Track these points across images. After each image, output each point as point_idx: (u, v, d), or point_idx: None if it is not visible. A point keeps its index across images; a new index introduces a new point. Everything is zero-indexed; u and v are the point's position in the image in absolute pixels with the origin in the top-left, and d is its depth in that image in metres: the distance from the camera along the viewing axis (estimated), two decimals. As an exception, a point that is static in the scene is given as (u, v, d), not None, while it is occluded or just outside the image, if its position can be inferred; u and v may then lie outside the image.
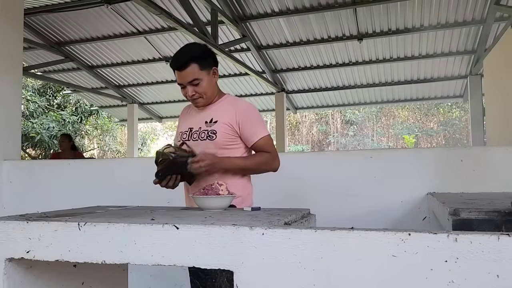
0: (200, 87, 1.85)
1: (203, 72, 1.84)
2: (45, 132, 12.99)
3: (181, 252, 1.14)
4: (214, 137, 1.83)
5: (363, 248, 1.00)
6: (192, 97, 1.87)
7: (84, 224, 1.23)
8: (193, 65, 1.81)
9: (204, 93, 1.86)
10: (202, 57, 1.86)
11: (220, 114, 1.87)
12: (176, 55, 1.88)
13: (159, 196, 2.87)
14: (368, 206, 2.53)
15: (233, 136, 1.85)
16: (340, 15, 6.64)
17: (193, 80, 1.83)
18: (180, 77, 1.84)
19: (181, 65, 1.81)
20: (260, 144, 1.86)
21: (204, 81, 1.85)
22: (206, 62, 1.86)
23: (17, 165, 3.32)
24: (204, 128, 1.87)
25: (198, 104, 1.91)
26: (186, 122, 1.98)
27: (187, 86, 1.84)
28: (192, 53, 1.85)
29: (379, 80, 8.95)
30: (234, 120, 1.84)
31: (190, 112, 2.02)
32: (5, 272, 1.31)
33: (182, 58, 1.83)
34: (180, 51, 1.89)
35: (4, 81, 3.32)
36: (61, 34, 7.66)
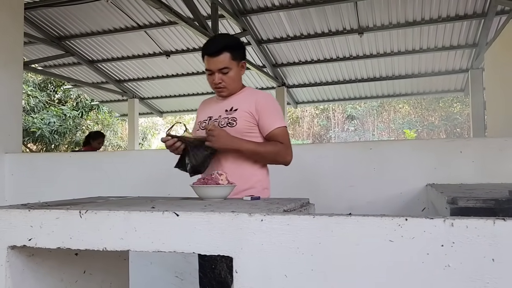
0: (227, 77, 1.87)
1: (234, 62, 1.87)
2: (45, 127, 13.00)
3: (181, 238, 1.16)
4: (234, 124, 1.84)
5: (361, 234, 1.01)
6: (218, 85, 1.88)
7: (86, 211, 1.25)
8: (225, 53, 1.84)
9: (230, 83, 1.89)
10: (235, 47, 1.89)
11: (240, 103, 1.90)
12: (209, 41, 1.92)
13: (159, 188, 2.89)
14: (367, 197, 2.55)
15: (252, 124, 1.86)
16: (340, 9, 6.62)
17: (223, 68, 1.85)
18: (211, 63, 1.85)
19: (214, 52, 1.83)
20: (275, 134, 1.85)
21: (233, 72, 1.88)
22: (238, 53, 1.89)
23: (18, 158, 3.34)
24: (224, 116, 1.89)
25: (222, 93, 1.92)
26: (205, 112, 2.00)
27: (216, 73, 1.86)
28: (226, 41, 1.88)
29: (379, 74, 8.94)
30: (254, 109, 1.86)
31: (209, 104, 2.04)
32: (8, 260, 1.32)
33: (216, 45, 1.86)
34: (214, 38, 1.95)
35: (4, 75, 3.33)
36: (61, 28, 7.65)
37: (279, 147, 1.85)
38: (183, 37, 7.70)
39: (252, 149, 1.82)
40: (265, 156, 1.86)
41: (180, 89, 10.02)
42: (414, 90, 9.74)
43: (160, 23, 7.22)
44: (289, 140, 1.91)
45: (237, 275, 1.10)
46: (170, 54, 8.21)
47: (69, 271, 1.54)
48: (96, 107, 14.64)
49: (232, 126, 1.84)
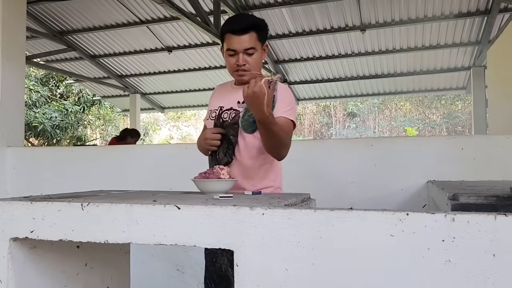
0: (252, 59, 1.73)
1: (259, 44, 1.74)
2: (47, 122, 13.02)
3: (182, 232, 1.16)
4: None
5: (362, 228, 1.02)
6: (242, 67, 1.73)
7: (87, 204, 1.25)
8: (252, 32, 1.71)
9: (253, 66, 1.74)
10: (262, 28, 1.76)
11: None
12: (235, 18, 1.77)
13: (161, 183, 2.90)
14: (368, 193, 2.55)
15: None
16: (343, 6, 6.60)
17: (250, 48, 1.71)
18: (236, 42, 1.70)
19: (241, 29, 1.69)
20: (280, 121, 1.66)
21: (257, 54, 1.75)
22: (263, 34, 1.76)
23: (20, 152, 3.35)
24: (236, 109, 1.77)
25: (244, 76, 1.75)
26: (218, 101, 1.87)
27: (240, 54, 1.71)
28: (253, 20, 1.76)
29: (381, 71, 8.92)
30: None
31: (223, 91, 1.92)
32: (10, 252, 1.33)
33: (243, 22, 1.72)
34: (240, 16, 1.81)
35: (7, 69, 3.33)
36: (63, 23, 7.64)
37: (286, 137, 1.68)
38: (185, 33, 7.69)
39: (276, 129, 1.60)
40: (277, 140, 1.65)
41: (182, 84, 10.01)
42: (416, 87, 9.72)
43: (163, 18, 7.21)
44: (291, 136, 1.74)
45: (238, 268, 1.11)
46: (172, 49, 8.20)
47: (71, 264, 1.54)
48: (98, 102, 14.65)
49: None
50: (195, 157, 2.17)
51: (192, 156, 2.88)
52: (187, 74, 9.35)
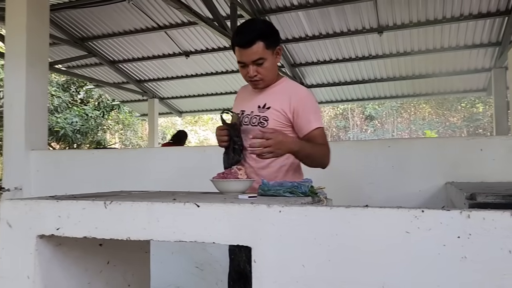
0: (263, 68, 1.72)
1: (268, 51, 1.71)
2: (68, 127, 13.30)
3: (202, 229, 1.19)
4: (265, 124, 1.73)
5: (377, 225, 1.03)
6: (253, 78, 1.74)
7: (110, 202, 1.30)
8: (259, 43, 1.68)
9: (266, 74, 1.74)
10: (269, 34, 1.73)
11: (274, 99, 1.76)
12: (240, 30, 1.74)
13: (179, 185, 2.94)
14: (385, 195, 2.54)
15: (284, 124, 1.73)
16: (360, 8, 6.58)
17: (258, 59, 1.70)
18: (244, 55, 1.70)
19: (246, 42, 1.68)
20: (314, 135, 1.71)
21: (268, 61, 1.73)
22: (272, 40, 1.73)
23: (44, 155, 3.45)
24: (256, 113, 1.77)
25: (258, 86, 1.78)
26: (240, 104, 1.88)
27: (249, 66, 1.72)
28: (258, 29, 1.71)
29: (399, 73, 8.84)
30: (288, 107, 1.72)
31: (244, 94, 1.91)
32: (37, 248, 1.38)
33: (248, 35, 1.69)
34: (245, 26, 1.76)
35: (31, 75, 3.44)
36: (84, 29, 7.82)
37: (325, 149, 1.72)
38: (203, 37, 7.78)
39: (310, 151, 1.68)
40: (315, 159, 1.72)
41: (199, 89, 10.10)
42: (435, 90, 9.59)
43: (180, 23, 7.31)
44: (328, 142, 1.77)
45: (255, 265, 1.13)
46: (190, 54, 8.29)
47: (94, 262, 1.59)
48: (117, 107, 14.90)
49: (263, 126, 1.73)
50: (213, 160, 2.21)
51: (210, 158, 2.93)
52: (204, 79, 9.44)
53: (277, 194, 1.48)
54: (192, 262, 2.81)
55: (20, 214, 1.40)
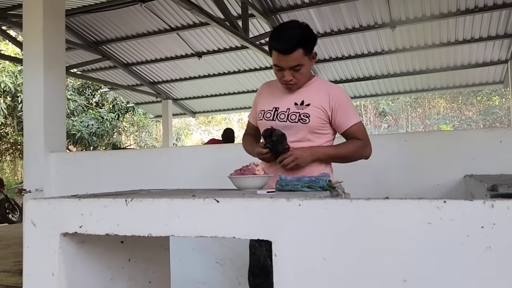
0: (299, 73, 1.76)
1: (306, 57, 1.75)
2: (84, 130, 13.51)
3: (222, 224, 1.20)
4: (307, 120, 1.76)
5: (399, 217, 1.03)
6: (289, 82, 1.77)
7: (131, 200, 1.32)
8: (299, 50, 1.70)
9: (301, 79, 1.78)
10: (308, 41, 1.75)
11: (312, 97, 1.80)
12: (281, 35, 1.74)
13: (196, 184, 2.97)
14: (404, 189, 2.52)
15: (324, 121, 1.79)
16: (372, 3, 6.53)
17: (296, 65, 1.73)
18: (282, 60, 1.73)
19: (288, 49, 1.70)
20: (353, 131, 1.81)
21: (305, 67, 1.76)
22: (310, 46, 1.76)
23: (63, 157, 3.51)
24: (294, 110, 1.79)
25: (292, 89, 1.82)
26: (270, 101, 1.88)
27: (286, 70, 1.75)
28: (300, 36, 1.72)
29: (413, 68, 8.74)
30: (328, 105, 1.77)
31: (273, 91, 1.91)
32: (61, 246, 1.41)
33: (289, 42, 1.70)
34: (286, 32, 1.75)
35: (49, 79, 3.50)
36: (98, 33, 7.92)
37: (358, 144, 1.81)
38: (214, 38, 7.81)
39: (332, 154, 1.80)
40: (347, 157, 1.83)
41: (211, 89, 10.14)
42: (450, 83, 9.46)
43: (192, 24, 7.35)
44: (367, 134, 1.87)
45: (276, 258, 1.14)
46: (202, 55, 8.33)
47: (116, 259, 1.62)
48: (132, 109, 15.08)
49: (305, 123, 1.76)
50: (229, 158, 2.23)
51: (226, 157, 2.95)
52: (217, 79, 9.48)
53: (295, 189, 1.48)
54: (212, 257, 2.83)
55: (44, 213, 1.43)
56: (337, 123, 1.81)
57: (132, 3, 6.68)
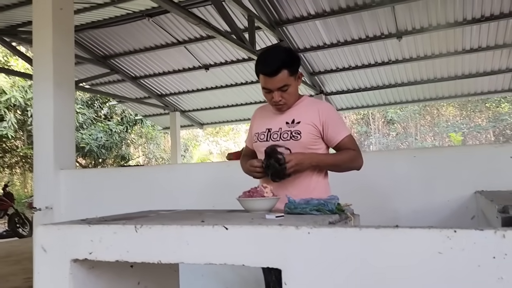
0: (287, 93, 1.83)
1: (291, 77, 1.83)
2: (93, 142, 13.61)
3: (231, 251, 1.20)
4: (298, 137, 1.83)
5: (409, 246, 1.02)
6: (278, 103, 1.85)
7: (141, 226, 1.32)
8: (284, 71, 1.78)
9: (289, 99, 1.86)
10: (292, 62, 1.83)
11: (302, 114, 1.87)
12: (265, 59, 1.84)
13: (204, 200, 2.98)
14: (413, 206, 2.50)
15: (316, 137, 1.85)
16: (378, 14, 6.55)
17: (283, 86, 1.81)
18: (269, 82, 1.81)
19: (272, 71, 1.78)
20: (344, 143, 1.87)
21: (292, 87, 1.84)
22: (295, 67, 1.84)
23: (72, 174, 3.53)
24: (286, 129, 1.86)
25: (282, 109, 1.89)
26: (263, 123, 1.96)
27: (275, 92, 1.82)
28: (283, 58, 1.81)
29: (421, 77, 8.72)
30: (318, 121, 1.85)
31: (265, 114, 2.00)
32: (71, 272, 1.42)
33: (273, 64, 1.79)
34: (270, 55, 1.85)
35: (58, 95, 3.54)
36: (106, 48, 8.02)
37: (351, 154, 1.86)
38: (221, 50, 7.87)
39: (331, 161, 1.85)
40: (341, 166, 1.88)
41: (219, 101, 10.20)
42: (458, 92, 9.41)
43: (199, 38, 7.42)
44: (358, 146, 1.93)
45: (286, 287, 1.13)
46: (209, 67, 8.40)
47: (125, 283, 1.62)
48: (140, 121, 15.18)
49: (297, 140, 1.83)
50: (236, 175, 2.23)
51: (233, 173, 2.94)
52: (224, 90, 9.53)
53: (303, 212, 1.48)
54: (222, 283, 2.82)
55: (54, 239, 1.44)
56: (328, 138, 1.87)
57: (139, 18, 6.78)
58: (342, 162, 1.86)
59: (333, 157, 1.87)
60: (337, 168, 1.91)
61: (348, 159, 1.86)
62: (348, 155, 1.86)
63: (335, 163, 1.86)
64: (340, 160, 1.86)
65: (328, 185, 1.97)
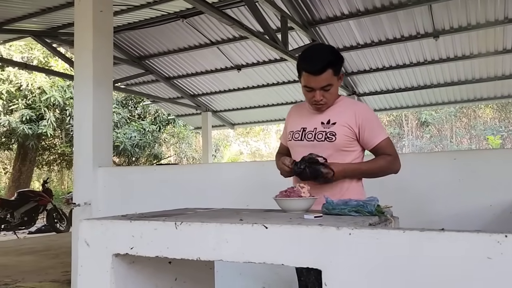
0: (329, 93, 1.81)
1: (335, 77, 1.81)
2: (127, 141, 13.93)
3: (270, 250, 1.20)
4: (333, 138, 1.80)
5: (455, 250, 0.99)
6: (319, 102, 1.82)
7: (180, 223, 1.34)
8: (329, 70, 1.77)
9: (330, 98, 1.84)
10: (337, 62, 1.82)
11: (338, 115, 1.84)
12: (311, 58, 1.82)
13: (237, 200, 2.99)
14: (453, 210, 2.43)
15: (351, 139, 1.82)
16: (414, 13, 6.39)
17: (326, 85, 1.79)
18: (312, 81, 1.78)
19: (318, 70, 1.76)
20: (381, 146, 1.83)
21: (334, 87, 1.82)
22: (339, 67, 1.83)
23: (109, 171, 3.63)
24: (321, 129, 1.84)
25: (322, 108, 1.86)
26: (298, 122, 1.94)
27: (317, 91, 1.80)
28: (329, 58, 1.79)
29: (458, 78, 8.46)
30: (354, 122, 1.81)
31: (301, 112, 1.98)
32: (112, 266, 1.45)
33: (319, 63, 1.77)
34: (316, 54, 1.83)
35: (97, 96, 3.65)
36: (141, 49, 8.20)
37: (388, 160, 1.83)
38: (254, 51, 7.89)
39: (364, 170, 1.83)
40: (377, 173, 1.86)
41: (250, 101, 10.23)
42: (498, 93, 9.07)
43: (232, 38, 7.47)
44: (395, 149, 1.89)
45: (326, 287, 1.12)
46: (241, 67, 8.44)
47: (163, 278, 1.65)
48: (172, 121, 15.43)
49: (331, 141, 1.80)
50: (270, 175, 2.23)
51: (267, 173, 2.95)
52: (256, 91, 9.55)
53: (342, 213, 1.46)
54: (259, 282, 2.83)
55: (97, 233, 1.48)
56: (365, 140, 1.84)
57: (174, 19, 6.89)
58: (378, 170, 1.84)
59: (369, 165, 1.84)
60: (373, 176, 1.89)
61: (385, 166, 1.83)
62: (384, 161, 1.83)
63: (372, 171, 1.85)
64: (376, 168, 1.84)
65: (363, 187, 1.93)
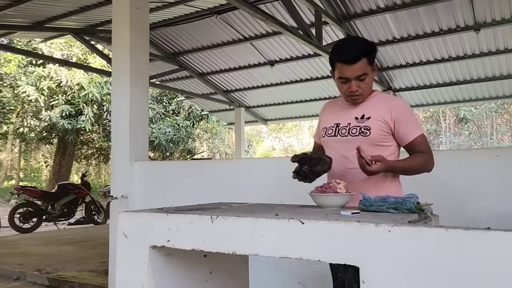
0: (364, 83, 1.79)
1: (369, 67, 1.79)
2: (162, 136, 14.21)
3: (307, 246, 1.19)
4: (368, 133, 1.78)
5: (502, 250, 0.95)
6: (355, 93, 1.80)
7: (216, 217, 1.35)
8: (363, 59, 1.75)
9: (366, 89, 1.81)
10: (371, 52, 1.81)
11: (372, 110, 1.82)
12: (344, 47, 1.81)
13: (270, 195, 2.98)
14: (495, 209, 2.33)
15: (386, 133, 1.80)
16: (453, 6, 6.16)
17: (362, 74, 1.77)
18: (347, 70, 1.76)
19: (353, 59, 1.74)
20: (417, 143, 1.80)
21: (369, 77, 1.80)
22: (373, 57, 1.81)
23: (145, 166, 3.71)
24: (355, 124, 1.82)
25: (358, 100, 1.84)
26: (331, 118, 1.93)
27: (352, 81, 1.78)
28: (362, 47, 1.79)
29: (500, 72, 8.11)
30: (389, 117, 1.79)
31: (334, 108, 1.98)
32: (150, 258, 1.49)
33: (353, 52, 1.75)
34: (349, 44, 1.85)
35: (134, 93, 3.73)
36: (176, 45, 8.32)
37: (425, 157, 1.81)
38: (287, 46, 7.85)
39: (404, 167, 1.80)
40: (414, 170, 1.82)
41: (283, 97, 10.20)
42: (543, 88, 8.65)
43: (265, 34, 7.45)
44: (430, 146, 1.86)
45: (364, 285, 1.10)
46: (275, 63, 8.42)
47: (199, 271, 1.67)
48: (206, 117, 15.62)
49: (366, 136, 1.78)
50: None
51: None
52: (289, 87, 9.51)
53: (380, 210, 1.43)
54: (295, 278, 2.82)
55: (135, 226, 1.51)
56: (400, 136, 1.81)
57: (208, 15, 6.94)
58: (415, 167, 1.81)
59: (407, 163, 1.80)
60: (409, 173, 1.85)
61: (422, 164, 1.81)
62: (421, 159, 1.80)
63: (409, 169, 1.81)
64: (414, 165, 1.80)
65: (400, 185, 1.89)
